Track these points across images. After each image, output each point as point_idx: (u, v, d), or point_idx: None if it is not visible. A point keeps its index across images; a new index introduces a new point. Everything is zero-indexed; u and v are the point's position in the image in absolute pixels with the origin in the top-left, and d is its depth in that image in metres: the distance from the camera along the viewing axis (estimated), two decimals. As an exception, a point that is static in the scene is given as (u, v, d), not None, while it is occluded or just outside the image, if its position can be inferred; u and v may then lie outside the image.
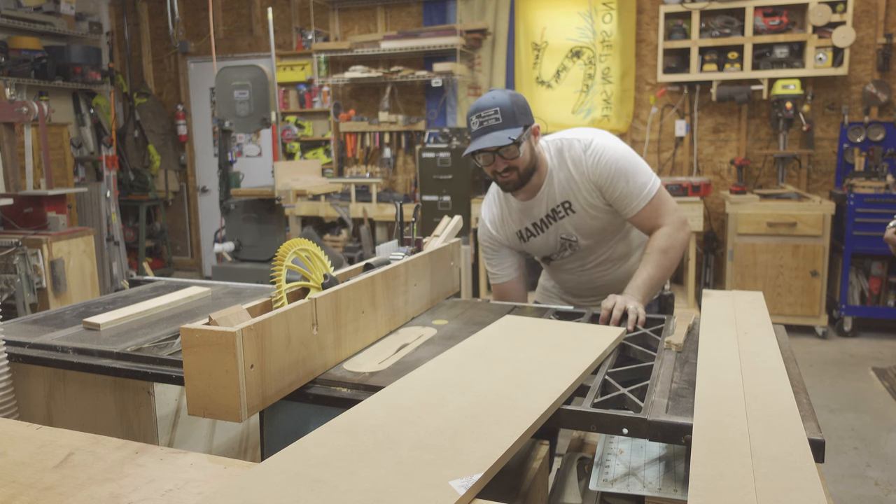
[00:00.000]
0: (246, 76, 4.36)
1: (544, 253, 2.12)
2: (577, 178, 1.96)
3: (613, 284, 2.11)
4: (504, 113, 1.84)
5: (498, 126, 1.84)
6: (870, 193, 4.67)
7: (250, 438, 1.83)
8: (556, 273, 2.21)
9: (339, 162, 6.45)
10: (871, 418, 3.52)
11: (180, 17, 6.50)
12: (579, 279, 2.16)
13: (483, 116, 1.86)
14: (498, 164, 1.91)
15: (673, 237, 1.91)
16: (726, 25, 5.10)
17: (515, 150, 1.87)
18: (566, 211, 2.00)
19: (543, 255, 2.15)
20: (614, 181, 1.92)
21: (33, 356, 1.48)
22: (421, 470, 0.90)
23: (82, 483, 0.92)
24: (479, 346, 1.42)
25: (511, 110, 1.85)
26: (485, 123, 1.86)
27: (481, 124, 1.86)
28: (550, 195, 2.00)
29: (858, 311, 4.83)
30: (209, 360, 1.10)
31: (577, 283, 2.18)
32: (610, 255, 2.10)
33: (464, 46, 5.71)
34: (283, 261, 1.34)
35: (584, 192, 1.96)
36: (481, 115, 1.86)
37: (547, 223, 2.05)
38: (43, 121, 4.05)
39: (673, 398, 1.20)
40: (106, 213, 6.13)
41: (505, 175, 1.93)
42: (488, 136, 1.85)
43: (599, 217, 2.00)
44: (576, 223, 2.02)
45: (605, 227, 2.03)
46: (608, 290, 2.07)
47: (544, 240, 2.07)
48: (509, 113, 1.85)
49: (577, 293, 2.22)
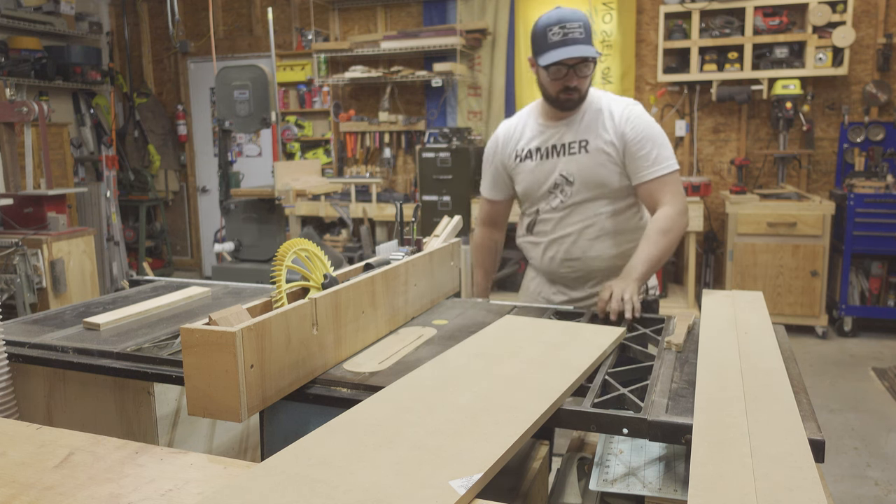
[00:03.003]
0: (246, 76, 4.36)
1: (529, 189, 2.08)
2: (607, 123, 1.97)
3: (590, 270, 2.06)
4: (586, 28, 1.87)
5: (582, 40, 1.85)
6: (870, 193, 4.67)
7: (250, 438, 1.83)
8: (534, 247, 2.14)
9: (339, 162, 6.45)
10: (871, 418, 3.52)
11: (180, 17, 6.50)
12: (556, 251, 2.08)
13: (568, 28, 1.85)
14: (570, 78, 1.91)
15: (674, 220, 1.90)
16: (726, 25, 5.10)
17: (591, 67, 1.89)
18: (580, 148, 1.99)
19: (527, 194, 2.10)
20: (643, 140, 1.93)
21: (33, 356, 1.48)
22: (421, 470, 0.90)
23: (82, 483, 0.92)
24: (479, 346, 1.42)
25: (590, 28, 1.88)
26: (569, 35, 1.85)
27: (565, 35, 1.85)
28: (574, 127, 2.00)
29: (858, 311, 4.83)
30: (209, 360, 1.10)
31: (554, 259, 2.10)
32: (593, 224, 2.04)
33: (464, 46, 5.71)
34: (283, 261, 1.34)
35: (608, 137, 1.96)
36: (566, 27, 1.85)
37: (552, 153, 2.03)
38: (43, 121, 4.05)
39: (673, 398, 1.20)
40: (106, 213, 6.13)
41: (571, 92, 1.93)
42: (576, 48, 1.84)
43: (606, 167, 1.98)
44: (581, 164, 1.99)
45: (604, 182, 1.99)
46: (585, 277, 2.04)
47: (538, 169, 2.04)
48: (590, 29, 1.89)
49: (556, 277, 2.14)
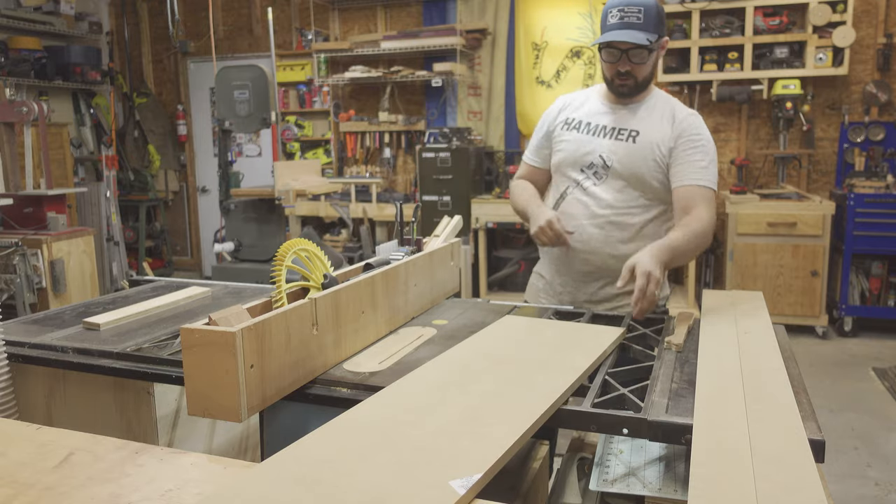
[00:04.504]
0: (246, 76, 4.36)
1: (565, 161, 2.05)
2: (665, 122, 1.93)
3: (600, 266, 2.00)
4: (647, 13, 1.81)
5: (638, 25, 1.80)
6: (870, 193, 4.67)
7: (250, 438, 1.83)
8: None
9: (339, 162, 6.45)
10: (871, 418, 3.52)
11: (180, 17, 6.50)
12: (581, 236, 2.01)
13: (626, 11, 1.81)
14: (622, 63, 1.87)
15: (705, 231, 1.85)
16: (726, 25, 5.10)
17: (646, 54, 1.84)
18: (629, 137, 1.95)
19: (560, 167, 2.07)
20: (694, 148, 1.89)
21: (33, 356, 1.48)
22: (421, 470, 0.90)
23: (82, 483, 0.92)
24: (479, 346, 1.42)
25: (654, 13, 1.82)
26: (626, 18, 1.81)
27: (621, 18, 1.82)
28: (631, 116, 1.96)
29: (858, 311, 4.83)
30: (209, 360, 1.10)
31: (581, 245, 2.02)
32: (617, 216, 1.97)
33: (464, 46, 5.71)
34: (283, 261, 1.34)
35: (661, 135, 1.92)
36: (624, 10, 1.82)
37: (600, 132, 2.00)
38: (43, 121, 4.05)
39: (673, 398, 1.20)
40: (106, 213, 6.12)
41: (623, 77, 1.89)
42: (626, 32, 1.81)
43: (648, 163, 1.93)
44: (625, 153, 1.94)
45: (642, 178, 1.94)
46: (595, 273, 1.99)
47: (580, 143, 2.01)
48: (652, 15, 1.82)
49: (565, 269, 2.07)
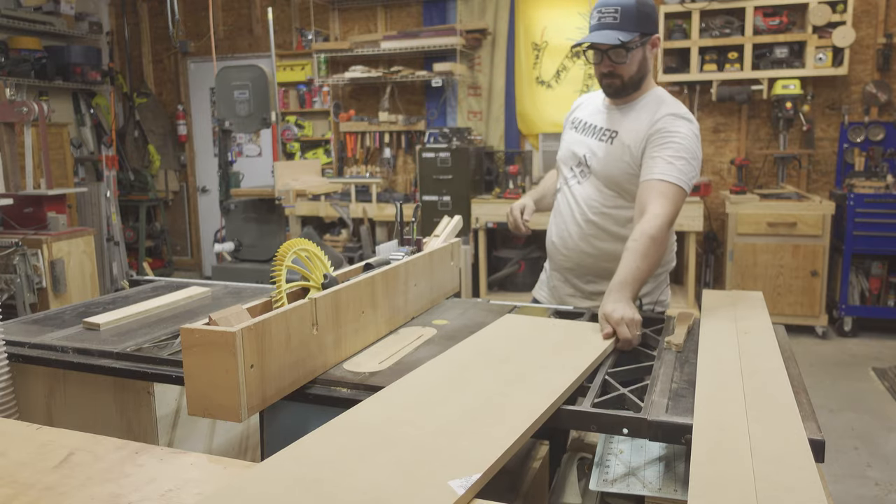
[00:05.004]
0: (246, 76, 4.36)
1: (562, 158, 2.11)
2: (644, 122, 1.88)
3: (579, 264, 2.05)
4: (624, 13, 1.79)
5: (613, 25, 1.79)
6: (870, 193, 4.67)
7: (250, 438, 1.83)
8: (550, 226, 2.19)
9: (339, 162, 6.45)
10: (871, 418, 3.52)
11: (180, 17, 6.50)
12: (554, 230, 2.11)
13: (603, 12, 1.81)
14: (604, 64, 1.86)
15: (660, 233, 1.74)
16: (726, 25, 5.10)
17: (623, 54, 1.81)
18: (608, 138, 1.94)
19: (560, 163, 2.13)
20: (662, 145, 1.82)
21: (33, 356, 1.48)
22: (421, 470, 0.90)
23: (82, 483, 0.92)
24: (479, 346, 1.42)
25: (632, 12, 1.79)
26: (603, 19, 1.81)
27: (599, 19, 1.81)
28: (618, 116, 1.94)
29: (858, 311, 4.83)
30: (209, 360, 1.10)
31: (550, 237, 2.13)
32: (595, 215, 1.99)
33: (464, 46, 5.71)
34: (283, 261, 1.34)
35: (634, 137, 1.88)
36: (601, 10, 1.82)
37: (590, 131, 2.01)
38: (43, 121, 4.05)
39: (673, 398, 1.20)
40: (106, 213, 6.12)
41: (608, 78, 1.88)
42: (600, 33, 1.80)
43: (619, 166, 1.91)
44: (603, 153, 1.94)
45: (615, 178, 1.94)
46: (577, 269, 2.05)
47: (574, 141, 2.04)
48: (630, 15, 1.79)
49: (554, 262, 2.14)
